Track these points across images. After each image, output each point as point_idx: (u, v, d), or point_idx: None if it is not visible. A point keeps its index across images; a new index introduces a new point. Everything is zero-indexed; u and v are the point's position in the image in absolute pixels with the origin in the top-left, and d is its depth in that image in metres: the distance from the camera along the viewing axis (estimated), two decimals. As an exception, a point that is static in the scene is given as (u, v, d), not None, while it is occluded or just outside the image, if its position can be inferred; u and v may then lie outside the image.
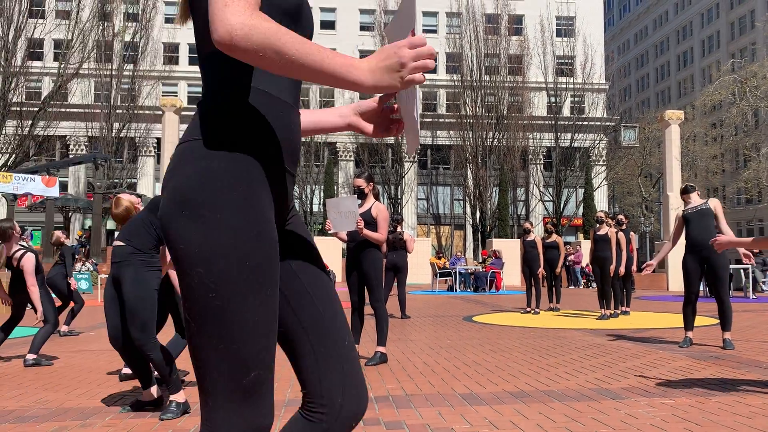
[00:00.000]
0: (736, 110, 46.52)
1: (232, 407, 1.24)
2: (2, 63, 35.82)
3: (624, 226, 11.48)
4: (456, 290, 20.96)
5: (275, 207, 1.37)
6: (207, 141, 1.27)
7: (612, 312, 10.64)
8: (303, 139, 46.61)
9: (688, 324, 7.03)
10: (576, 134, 45.58)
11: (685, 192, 7.32)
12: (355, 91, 2.94)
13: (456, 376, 5.25)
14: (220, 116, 1.29)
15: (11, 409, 4.25)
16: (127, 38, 43.16)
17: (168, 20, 49.09)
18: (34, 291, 6.16)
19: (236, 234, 1.22)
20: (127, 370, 5.25)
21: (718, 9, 68.42)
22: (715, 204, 6.98)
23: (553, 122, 45.62)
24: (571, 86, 46.81)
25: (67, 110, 41.62)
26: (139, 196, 16.35)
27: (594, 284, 26.12)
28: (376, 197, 6.09)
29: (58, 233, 8.66)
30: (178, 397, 3.96)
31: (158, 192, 39.20)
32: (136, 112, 42.36)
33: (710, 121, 58.27)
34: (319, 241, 29.27)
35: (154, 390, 4.13)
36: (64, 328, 8.80)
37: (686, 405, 4.11)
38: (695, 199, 7.14)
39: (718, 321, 10.05)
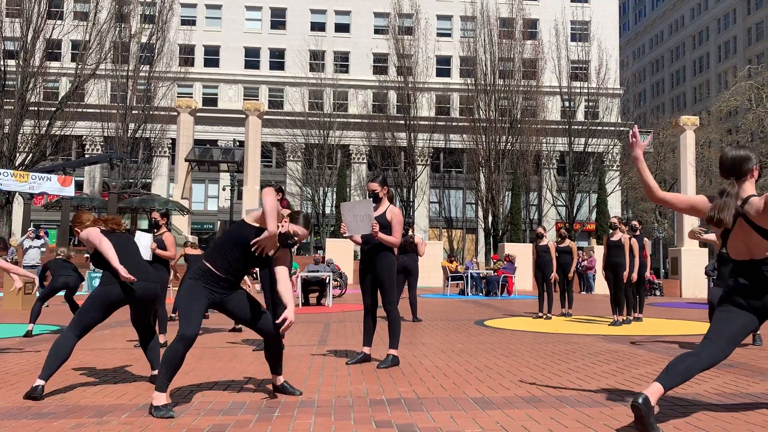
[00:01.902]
0: (752, 116, 46.15)
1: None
2: (21, 63, 36.24)
3: (638, 232, 11.43)
4: (467, 294, 20.93)
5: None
6: None
7: (625, 318, 10.60)
8: (316, 140, 46.78)
9: None
10: (590, 139, 45.40)
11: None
12: None
13: (468, 380, 5.26)
14: None
15: (29, 406, 4.32)
16: (144, 40, 43.52)
17: (184, 22, 49.44)
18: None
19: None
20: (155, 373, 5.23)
21: (735, 14, 67.91)
22: None
23: (567, 127, 45.47)
24: (586, 91, 46.64)
25: (84, 110, 42.03)
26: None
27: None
28: (391, 200, 6.12)
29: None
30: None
31: (171, 192, 39.46)
32: (151, 112, 42.70)
33: (726, 127, 57.80)
34: (332, 244, 29.33)
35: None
36: None
37: (699, 413, 4.10)
38: None
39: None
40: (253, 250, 4.22)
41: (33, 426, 3.76)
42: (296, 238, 4.36)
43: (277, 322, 4.36)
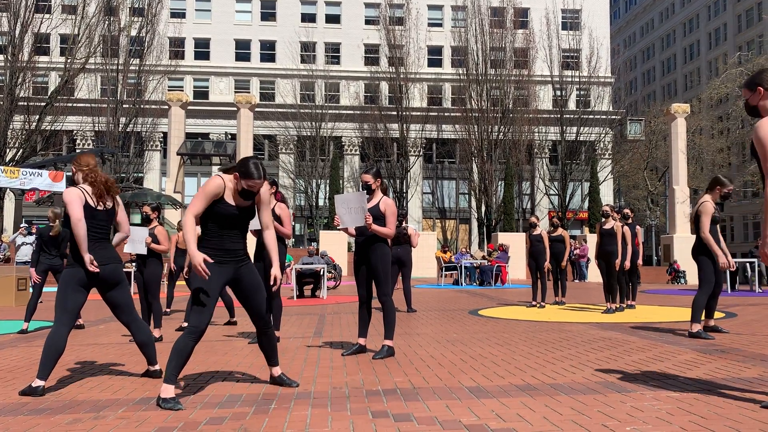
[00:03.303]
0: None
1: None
2: (9, 58, 35.94)
3: (630, 220, 11.49)
4: (461, 284, 21.00)
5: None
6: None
7: (617, 306, 10.67)
8: (308, 133, 46.67)
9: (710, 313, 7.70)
10: (582, 128, 45.47)
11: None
12: None
13: (463, 370, 5.29)
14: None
15: (25, 402, 4.32)
16: (133, 33, 43.21)
17: (174, 14, 49.10)
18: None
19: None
20: (151, 368, 5.18)
21: (725, 1, 67.99)
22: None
23: (559, 116, 45.52)
24: (577, 80, 46.66)
25: (74, 105, 41.77)
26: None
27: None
28: (384, 192, 6.14)
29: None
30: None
31: (164, 186, 39.34)
32: (142, 106, 42.47)
33: (716, 114, 57.99)
34: (326, 236, 29.34)
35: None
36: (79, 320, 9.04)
37: (691, 398, 4.15)
38: None
39: (723, 315, 10.08)
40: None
41: (30, 422, 3.76)
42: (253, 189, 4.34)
43: (271, 283, 4.56)
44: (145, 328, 5.03)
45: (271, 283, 4.52)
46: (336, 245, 28.09)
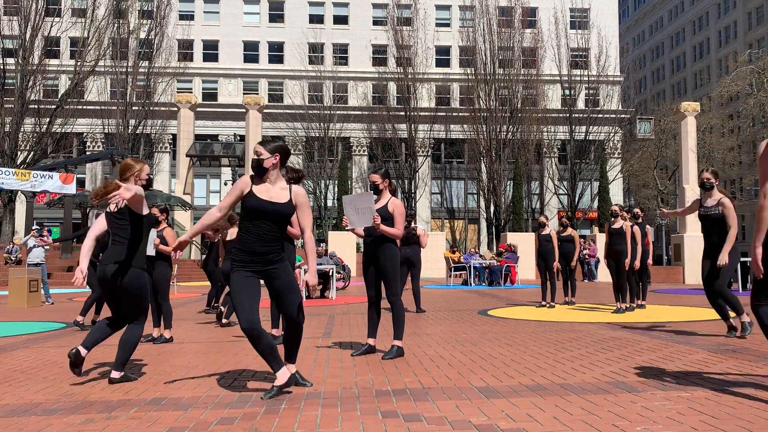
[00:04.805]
0: (753, 101, 46.03)
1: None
2: (20, 61, 36.22)
3: (639, 220, 11.44)
4: (470, 284, 20.97)
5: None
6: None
7: (627, 305, 10.63)
8: (316, 133, 46.71)
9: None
10: (591, 127, 45.30)
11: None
12: None
13: (472, 370, 5.29)
14: None
15: (38, 402, 4.36)
16: (142, 35, 43.44)
17: (182, 17, 49.31)
18: None
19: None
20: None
21: (735, -1, 67.55)
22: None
23: (568, 115, 45.37)
24: (586, 79, 46.49)
25: (84, 107, 42.04)
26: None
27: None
28: (393, 193, 6.14)
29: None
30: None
31: (173, 187, 39.49)
32: (151, 108, 42.68)
33: (727, 113, 57.64)
34: (334, 236, 29.37)
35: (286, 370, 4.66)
36: (78, 318, 9.14)
37: (702, 398, 4.13)
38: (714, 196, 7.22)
39: (735, 314, 10.02)
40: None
41: (42, 422, 3.79)
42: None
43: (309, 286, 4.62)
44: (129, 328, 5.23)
45: (302, 287, 4.61)
46: (345, 246, 28.11)
